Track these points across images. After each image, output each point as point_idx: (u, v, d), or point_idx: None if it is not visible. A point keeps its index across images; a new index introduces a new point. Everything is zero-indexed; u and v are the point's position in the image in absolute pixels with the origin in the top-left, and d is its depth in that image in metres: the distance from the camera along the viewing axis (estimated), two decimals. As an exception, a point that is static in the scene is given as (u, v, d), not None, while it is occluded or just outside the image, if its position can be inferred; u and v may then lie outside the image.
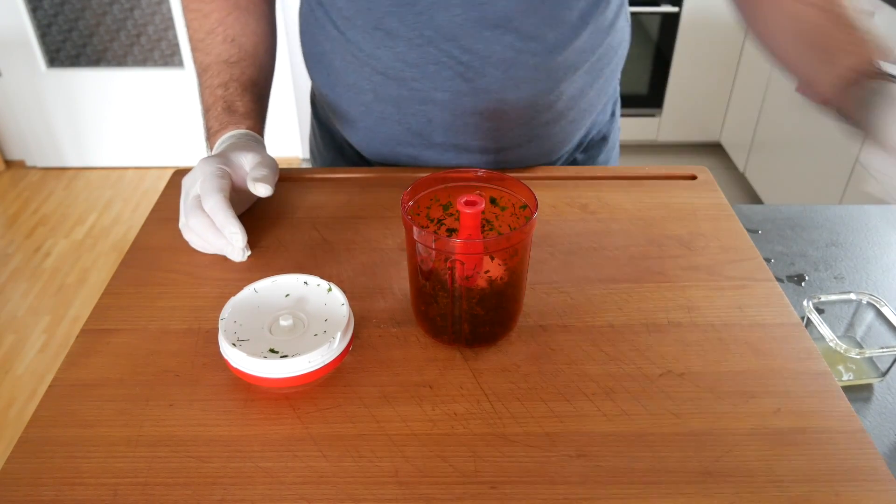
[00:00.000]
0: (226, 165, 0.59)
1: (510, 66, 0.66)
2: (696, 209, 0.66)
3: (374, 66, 0.68)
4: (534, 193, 0.49)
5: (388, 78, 0.68)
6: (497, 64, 0.66)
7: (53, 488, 0.41)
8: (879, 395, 0.57)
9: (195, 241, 0.59)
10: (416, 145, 0.72)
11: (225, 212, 0.56)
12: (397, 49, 0.66)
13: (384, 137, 0.73)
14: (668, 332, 0.52)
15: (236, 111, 0.68)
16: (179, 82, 2.52)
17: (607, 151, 0.85)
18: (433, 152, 0.73)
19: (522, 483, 0.42)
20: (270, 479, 0.42)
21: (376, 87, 0.69)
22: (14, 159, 2.68)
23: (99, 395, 0.47)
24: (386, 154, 0.75)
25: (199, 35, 0.72)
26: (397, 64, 0.67)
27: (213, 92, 0.69)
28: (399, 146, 0.73)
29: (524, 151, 0.74)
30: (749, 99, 2.37)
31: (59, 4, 2.40)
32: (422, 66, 0.66)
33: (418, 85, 0.67)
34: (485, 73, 0.66)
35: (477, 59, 0.65)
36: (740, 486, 0.42)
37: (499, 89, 0.67)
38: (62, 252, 2.20)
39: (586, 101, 0.74)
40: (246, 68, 0.71)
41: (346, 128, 0.76)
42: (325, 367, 0.47)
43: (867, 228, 0.76)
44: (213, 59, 0.71)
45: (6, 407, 1.67)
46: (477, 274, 0.47)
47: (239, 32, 0.72)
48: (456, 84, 0.67)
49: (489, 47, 0.65)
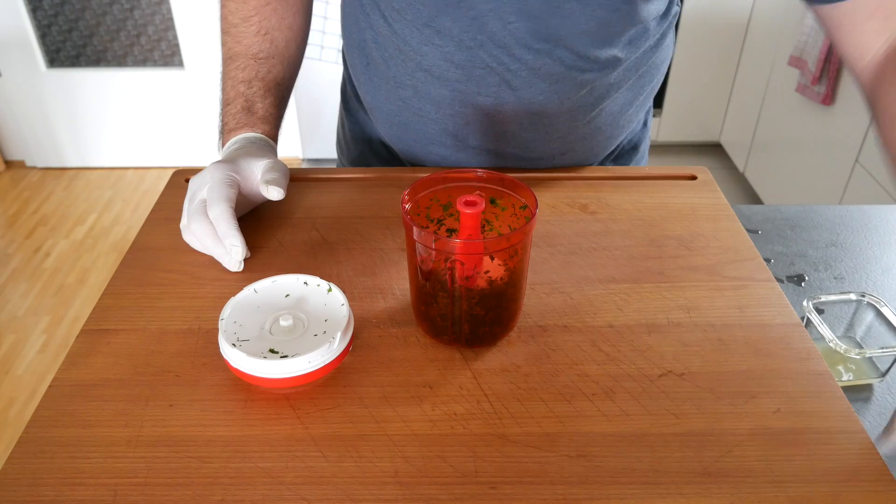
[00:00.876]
0: (236, 173, 0.59)
1: (557, 80, 0.65)
2: (696, 209, 0.66)
3: (419, 62, 0.67)
4: (534, 193, 0.49)
5: (431, 76, 0.67)
6: (545, 77, 0.65)
7: (53, 488, 0.41)
8: (879, 395, 0.57)
9: (194, 242, 0.60)
10: (448, 146, 0.72)
11: (229, 222, 0.56)
12: (446, 48, 0.65)
13: (418, 135, 0.72)
14: (668, 332, 0.52)
15: (255, 113, 0.68)
16: (179, 82, 2.52)
17: (637, 159, 0.85)
18: (465, 155, 0.72)
19: (522, 483, 0.42)
20: (270, 479, 0.42)
21: (418, 83, 0.68)
22: (14, 159, 2.68)
23: (99, 395, 0.47)
24: (417, 152, 0.74)
25: (234, 20, 0.71)
26: (443, 63, 0.66)
27: (235, 86, 0.69)
28: (431, 145, 0.72)
29: (557, 162, 0.74)
30: (749, 99, 2.37)
31: (59, 4, 2.40)
32: (468, 69, 0.65)
33: (462, 87, 0.67)
34: (531, 84, 0.65)
35: (525, 70, 0.64)
36: (740, 486, 0.42)
37: (542, 101, 0.67)
38: (62, 252, 2.20)
39: (625, 117, 0.74)
40: (273, 66, 0.70)
41: (378, 120, 0.75)
42: (325, 367, 0.47)
43: (867, 228, 0.76)
44: (242, 49, 0.70)
45: (6, 407, 1.67)
46: (477, 274, 0.47)
47: (274, 26, 0.71)
48: (500, 91, 0.66)
49: (539, 60, 0.64)
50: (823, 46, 1.81)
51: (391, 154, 0.79)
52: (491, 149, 0.71)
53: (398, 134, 0.74)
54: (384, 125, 0.75)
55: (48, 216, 2.38)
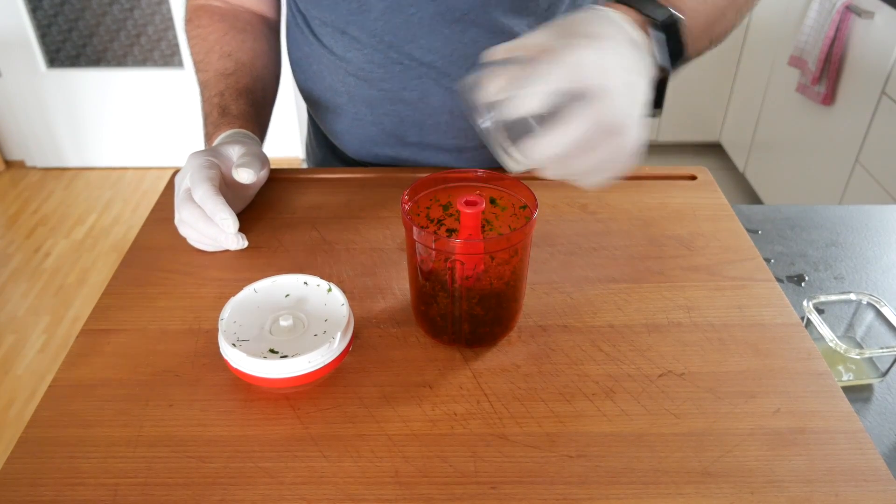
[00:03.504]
0: (214, 157, 0.60)
1: (474, 62, 0.66)
2: (696, 209, 0.66)
3: (346, 68, 0.69)
4: (534, 193, 0.49)
5: (359, 80, 0.69)
6: (460, 61, 0.66)
7: (53, 488, 0.41)
8: (879, 395, 0.57)
9: (190, 234, 0.60)
10: (391, 145, 0.73)
11: (214, 199, 0.56)
12: (364, 52, 0.67)
13: (361, 138, 0.74)
14: (668, 332, 0.52)
15: (229, 113, 0.69)
16: (179, 82, 2.52)
17: None
18: (409, 152, 0.74)
19: (522, 483, 0.42)
20: (270, 479, 0.42)
21: (350, 88, 0.70)
22: (14, 159, 2.68)
23: (99, 395, 0.47)
24: (365, 154, 0.76)
25: (199, 56, 0.74)
26: (367, 66, 0.68)
27: (210, 101, 0.71)
28: (376, 146, 0.74)
29: None
30: (749, 99, 2.37)
31: (59, 4, 2.40)
32: (388, 67, 0.67)
33: (387, 85, 0.68)
34: (449, 71, 0.66)
35: (440, 58, 0.66)
36: (740, 486, 0.42)
37: None
38: (62, 252, 2.20)
39: None
40: (241, 77, 0.72)
41: (329, 129, 0.78)
42: (325, 367, 0.47)
43: (867, 228, 0.76)
44: (211, 74, 0.72)
45: (6, 407, 1.67)
46: (477, 274, 0.47)
47: (236, 48, 0.73)
48: (423, 83, 0.67)
49: (450, 44, 0.65)
50: (823, 46, 1.81)
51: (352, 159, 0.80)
52: (430, 142, 0.72)
53: (346, 140, 0.76)
54: (332, 132, 0.77)
55: (48, 216, 2.38)
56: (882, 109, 1.66)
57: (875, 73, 1.67)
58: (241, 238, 0.58)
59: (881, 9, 1.65)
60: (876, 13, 1.67)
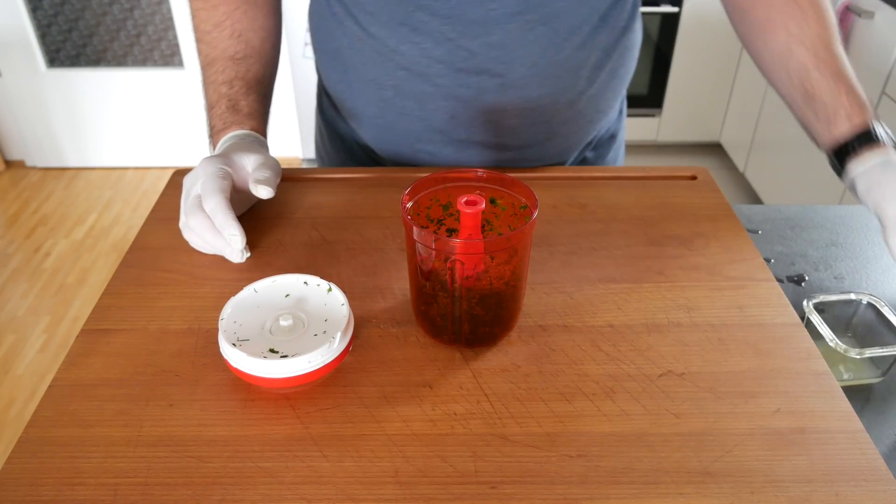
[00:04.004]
0: (227, 166, 0.59)
1: (537, 62, 0.65)
2: (696, 209, 0.66)
3: (399, 61, 0.67)
4: (534, 193, 0.49)
5: (412, 73, 0.67)
6: (522, 59, 0.65)
7: (53, 488, 0.41)
8: (879, 395, 0.57)
9: (194, 240, 0.59)
10: (435, 142, 0.72)
11: (225, 213, 0.56)
12: (424, 45, 0.65)
13: (403, 134, 0.72)
14: (668, 332, 0.52)
15: (240, 111, 0.68)
16: (179, 82, 2.52)
17: (615, 149, 0.86)
18: (453, 149, 0.72)
19: (522, 483, 0.42)
20: (270, 479, 0.42)
21: (399, 82, 0.68)
22: (14, 159, 2.68)
23: (99, 395, 0.47)
24: (403, 151, 0.74)
25: (206, 27, 0.71)
26: (423, 60, 0.66)
27: (217, 89, 0.69)
28: (418, 142, 0.73)
29: (542, 149, 0.74)
30: (749, 99, 2.37)
31: (59, 4, 2.40)
32: (448, 63, 0.65)
33: (443, 81, 0.67)
34: (510, 69, 0.65)
35: (504, 55, 0.65)
36: (740, 486, 0.42)
37: (524, 86, 0.67)
38: (62, 252, 2.20)
39: (604, 100, 0.74)
40: (251, 65, 0.71)
41: (361, 125, 0.76)
42: (325, 367, 0.47)
43: (867, 228, 0.76)
44: (218, 53, 0.70)
45: (6, 407, 1.67)
46: (477, 274, 0.47)
47: (247, 27, 0.71)
48: (482, 80, 0.66)
49: (516, 42, 0.64)
50: (823, 46, 1.80)
51: (373, 161, 0.80)
52: (477, 140, 0.71)
53: (383, 136, 0.74)
54: (368, 129, 0.75)
55: (48, 216, 2.38)
56: (882, 109, 1.66)
57: (875, 73, 1.67)
58: (245, 252, 0.58)
59: (881, 9, 1.65)
60: (876, 13, 1.67)
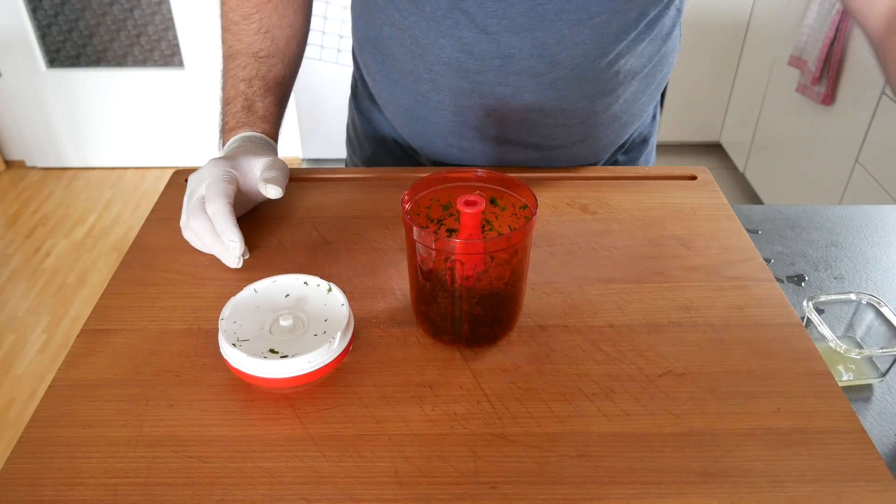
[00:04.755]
0: (234, 169, 0.59)
1: (578, 64, 0.65)
2: (696, 209, 0.66)
3: (438, 55, 0.66)
4: (534, 193, 0.49)
5: (449, 68, 0.66)
6: (565, 60, 0.64)
7: (53, 488, 0.41)
8: (879, 395, 0.57)
9: (193, 240, 0.60)
10: (469, 138, 0.71)
11: (226, 218, 0.56)
12: (464, 39, 0.64)
13: (437, 128, 0.72)
14: (668, 332, 0.52)
15: (255, 112, 0.67)
16: (179, 82, 2.52)
17: (647, 153, 0.85)
18: (486, 146, 0.72)
19: (522, 483, 0.42)
20: (270, 479, 0.42)
21: (436, 76, 0.68)
22: (14, 159, 2.68)
23: (99, 395, 0.47)
24: (436, 145, 0.74)
25: (235, 17, 0.70)
26: (461, 55, 0.65)
27: (235, 85, 0.68)
28: (451, 137, 0.72)
29: (575, 151, 0.73)
30: (749, 99, 2.37)
31: (59, 4, 2.40)
32: (487, 60, 0.65)
33: (481, 77, 0.66)
34: (551, 70, 0.65)
35: (547, 55, 0.64)
36: (740, 486, 0.42)
37: (563, 87, 0.66)
38: (62, 252, 2.20)
39: (639, 105, 0.74)
40: (274, 65, 0.70)
41: (396, 117, 0.75)
42: (325, 367, 0.47)
43: (867, 228, 0.76)
44: (243, 47, 0.70)
45: (6, 407, 1.67)
46: (477, 274, 0.47)
47: (275, 24, 0.70)
48: (521, 80, 0.65)
49: (561, 43, 0.63)
50: (823, 46, 1.80)
51: (405, 152, 0.79)
52: (512, 138, 0.71)
53: (416, 129, 0.73)
54: (402, 121, 0.74)
55: (48, 216, 2.38)
56: (882, 109, 1.66)
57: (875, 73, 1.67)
58: (244, 256, 0.58)
59: (881, 9, 1.65)
60: (876, 13, 1.67)
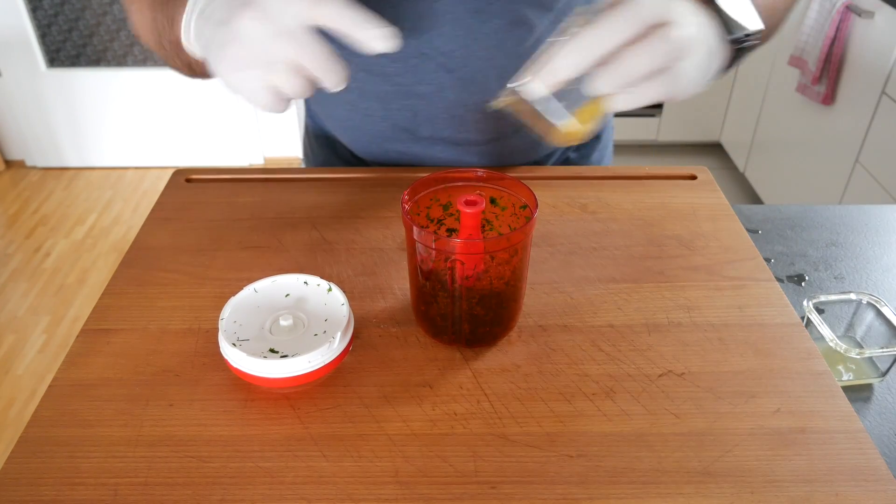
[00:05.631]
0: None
1: (493, 55, 0.65)
2: (696, 209, 0.66)
3: (358, 63, 0.67)
4: (534, 193, 0.49)
5: (372, 74, 0.68)
6: (479, 53, 0.65)
7: (53, 488, 0.41)
8: (879, 395, 0.57)
9: (257, 82, 0.46)
10: (403, 140, 0.73)
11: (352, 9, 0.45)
12: None
13: (371, 134, 0.73)
14: (668, 332, 0.52)
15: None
16: (179, 82, 2.52)
17: (600, 150, 0.85)
18: (420, 147, 0.73)
19: (522, 483, 0.42)
20: (270, 479, 0.42)
21: (361, 84, 0.69)
22: (14, 159, 2.68)
23: (99, 395, 0.47)
24: (375, 151, 0.75)
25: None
26: (380, 60, 0.66)
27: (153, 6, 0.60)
28: (386, 142, 0.73)
29: (512, 142, 0.73)
30: (749, 99, 2.37)
31: (59, 4, 2.40)
32: (405, 61, 0.66)
33: (402, 80, 0.67)
34: (467, 63, 0.66)
35: (459, 49, 0.65)
36: (740, 486, 0.42)
37: (482, 79, 0.67)
38: (62, 252, 2.20)
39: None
40: None
41: (336, 126, 0.77)
42: (325, 367, 0.47)
43: (867, 228, 0.76)
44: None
45: (6, 407, 1.67)
46: (477, 274, 0.47)
47: None
48: (440, 76, 0.67)
49: (470, 35, 0.64)
50: (823, 46, 1.81)
51: (355, 157, 0.80)
52: (444, 136, 0.72)
53: (354, 136, 0.75)
54: (340, 131, 0.76)
55: (48, 216, 2.38)
56: (882, 109, 1.66)
57: (875, 73, 1.67)
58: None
59: (881, 9, 1.65)
60: (876, 13, 1.67)
